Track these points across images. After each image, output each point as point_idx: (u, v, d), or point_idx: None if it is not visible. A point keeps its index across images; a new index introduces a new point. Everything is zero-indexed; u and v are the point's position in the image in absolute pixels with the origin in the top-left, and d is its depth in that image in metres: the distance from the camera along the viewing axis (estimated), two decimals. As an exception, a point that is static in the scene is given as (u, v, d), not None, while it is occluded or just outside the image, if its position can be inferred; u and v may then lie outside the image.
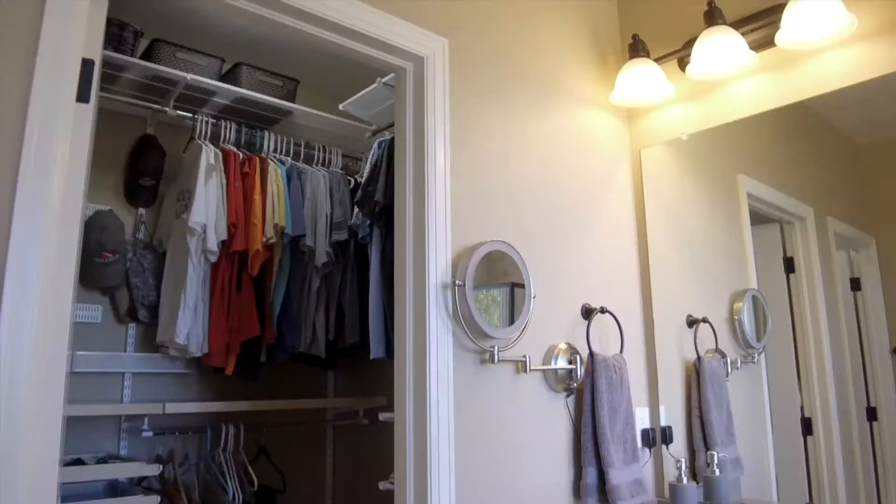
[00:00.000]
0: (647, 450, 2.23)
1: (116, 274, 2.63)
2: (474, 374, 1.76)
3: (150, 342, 2.75)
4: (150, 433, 2.61)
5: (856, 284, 1.92)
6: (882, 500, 1.82)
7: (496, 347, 1.76)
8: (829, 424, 1.92)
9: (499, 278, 1.80)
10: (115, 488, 2.50)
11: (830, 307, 1.95)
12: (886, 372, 1.84)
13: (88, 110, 1.40)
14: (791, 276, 2.06)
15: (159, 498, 2.36)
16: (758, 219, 2.14)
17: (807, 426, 1.98)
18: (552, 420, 1.94)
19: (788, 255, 2.08)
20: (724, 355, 2.19)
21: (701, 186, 2.29)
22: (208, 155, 2.56)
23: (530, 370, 1.87)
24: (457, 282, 1.69)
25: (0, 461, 1.21)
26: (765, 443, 2.06)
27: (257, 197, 2.60)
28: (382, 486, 2.19)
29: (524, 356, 1.85)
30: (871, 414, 1.86)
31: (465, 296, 1.69)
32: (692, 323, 2.27)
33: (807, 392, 1.98)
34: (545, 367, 1.92)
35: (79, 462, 2.43)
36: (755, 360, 2.12)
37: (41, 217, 1.28)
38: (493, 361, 1.76)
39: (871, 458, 1.84)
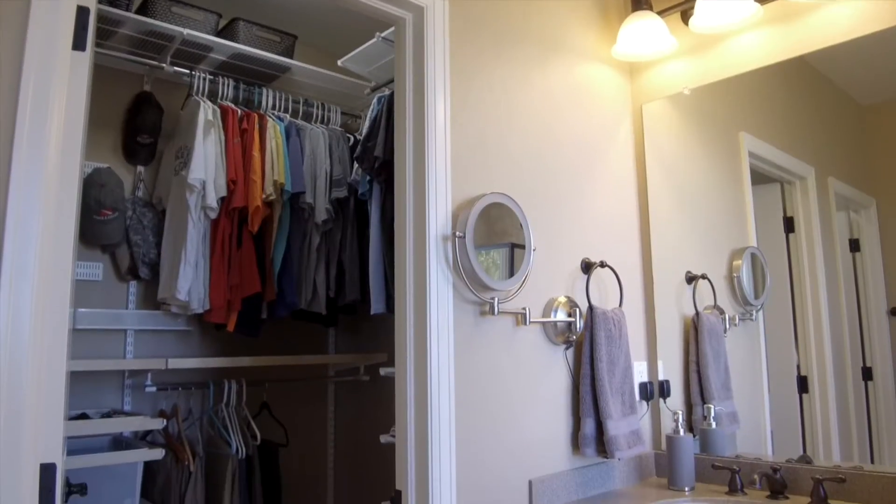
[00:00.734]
0: (644, 403, 2.26)
1: (116, 231, 2.62)
2: (474, 326, 1.77)
3: (151, 300, 2.76)
4: (154, 389, 2.64)
5: (855, 245, 1.92)
6: (875, 458, 1.85)
7: (496, 299, 1.76)
8: (825, 383, 1.94)
9: (499, 238, 1.80)
10: (119, 443, 2.53)
11: (829, 268, 1.95)
12: (883, 333, 1.85)
13: (85, 59, 1.39)
14: (791, 235, 2.06)
15: (164, 451, 2.40)
16: (758, 178, 2.13)
17: (803, 384, 2.00)
18: (551, 372, 1.96)
19: (788, 214, 2.07)
20: (722, 312, 2.20)
21: (702, 143, 2.28)
22: (206, 111, 2.54)
23: (530, 322, 1.88)
24: (457, 233, 1.69)
25: (5, 415, 1.23)
26: (761, 399, 2.08)
27: (256, 153, 2.59)
28: (383, 439, 2.22)
29: (524, 308, 1.86)
30: (867, 374, 1.88)
31: (466, 247, 1.69)
32: (691, 279, 2.28)
33: (803, 351, 2.00)
34: (545, 320, 1.93)
35: (83, 417, 2.46)
36: (753, 317, 2.13)
37: (40, 167, 1.28)
38: (492, 313, 1.77)
39: (866, 418, 1.86)
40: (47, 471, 1.28)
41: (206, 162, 2.48)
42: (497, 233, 1.80)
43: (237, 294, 2.59)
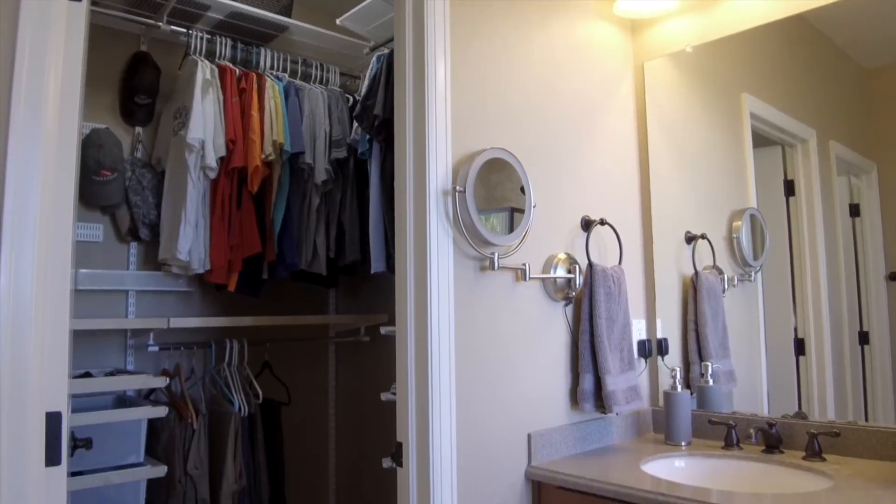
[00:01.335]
0: (643, 360, 2.28)
1: (116, 192, 2.62)
2: (474, 281, 1.78)
3: (152, 261, 2.77)
4: (156, 348, 2.66)
5: (855, 210, 1.92)
6: (870, 418, 1.87)
7: (496, 255, 1.77)
8: (822, 346, 1.96)
9: (498, 202, 1.80)
10: (123, 401, 2.56)
11: (829, 232, 1.96)
12: (881, 297, 1.86)
13: (81, 9, 1.37)
14: (791, 199, 2.06)
15: (167, 409, 2.43)
16: (760, 141, 2.13)
17: (800, 347, 2.01)
18: (551, 328, 1.97)
19: (789, 177, 2.07)
20: (721, 272, 2.21)
21: (704, 104, 2.27)
22: (204, 70, 2.52)
23: (530, 278, 1.89)
24: (457, 188, 1.69)
25: (11, 373, 1.24)
26: (758, 359, 2.10)
27: (255, 113, 2.57)
28: (384, 396, 2.24)
29: (524, 264, 1.87)
30: (864, 338, 1.89)
31: (466, 202, 1.69)
32: (690, 239, 2.28)
33: (801, 314, 2.01)
34: (544, 276, 1.94)
35: (87, 376, 2.48)
36: (752, 278, 2.14)
37: (38, 121, 1.28)
38: (493, 268, 1.78)
39: (861, 381, 1.88)
40: (53, 419, 1.30)
41: (204, 121, 2.46)
42: (497, 197, 1.80)
43: (238, 254, 2.60)
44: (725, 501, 1.48)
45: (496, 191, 1.80)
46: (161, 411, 2.37)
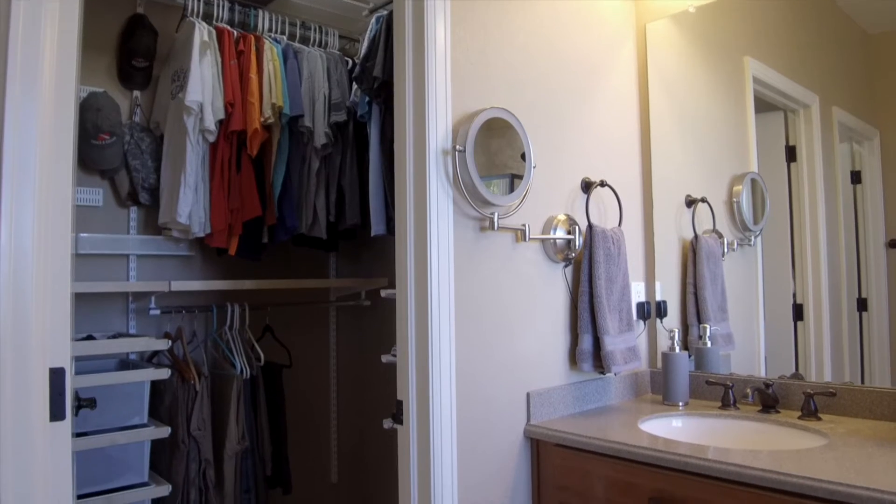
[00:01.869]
0: (641, 322, 2.29)
1: (115, 156, 2.61)
2: (474, 242, 1.78)
3: (152, 225, 2.77)
4: (158, 312, 2.68)
5: (856, 177, 1.91)
6: (866, 382, 1.88)
7: (496, 215, 1.77)
8: (820, 312, 1.96)
9: (498, 169, 1.79)
10: (126, 365, 2.58)
11: (829, 198, 1.95)
12: (880, 265, 1.86)
13: (76, -32, 1.36)
14: (792, 164, 2.05)
15: (170, 371, 2.45)
16: (762, 106, 2.11)
17: (798, 312, 2.02)
18: (550, 289, 1.98)
19: (791, 143, 2.06)
20: (721, 236, 2.21)
21: (706, 67, 2.25)
22: (202, 32, 2.50)
23: (529, 239, 1.90)
24: (457, 147, 1.69)
25: (12, 330, 1.26)
26: (756, 324, 2.11)
27: (253, 76, 2.55)
28: (385, 358, 2.26)
29: (524, 225, 1.87)
30: (862, 305, 1.90)
31: (466, 161, 1.69)
32: (691, 203, 2.28)
33: (800, 279, 2.01)
34: (544, 237, 1.94)
35: (90, 338, 2.50)
36: (751, 243, 2.14)
37: (35, 84, 1.27)
38: (492, 228, 1.78)
39: (859, 347, 1.89)
40: (56, 375, 1.31)
41: (202, 84, 2.45)
42: (497, 164, 1.79)
43: (238, 218, 2.60)
44: (722, 457, 1.50)
45: (497, 158, 1.79)
46: (164, 373, 2.39)
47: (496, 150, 1.79)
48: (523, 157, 1.84)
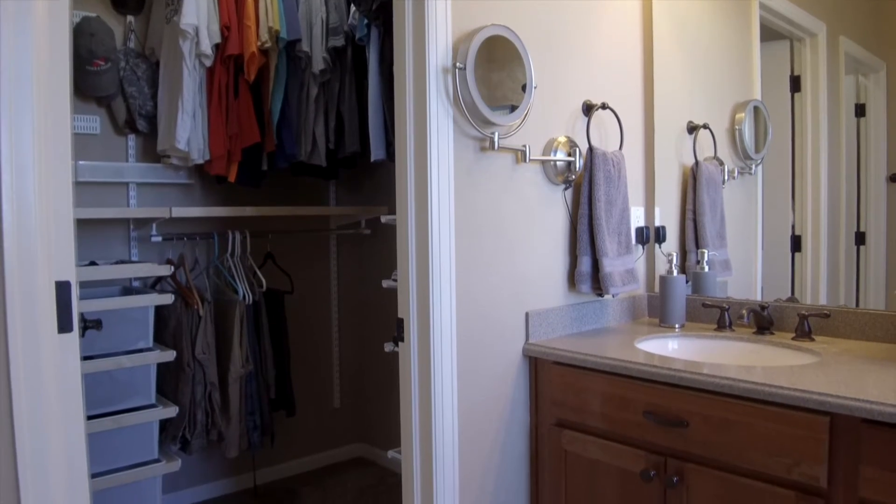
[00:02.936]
0: (640, 247, 2.31)
1: (111, 82, 2.58)
2: (474, 162, 1.78)
3: (151, 154, 2.76)
4: (159, 239, 2.70)
5: (860, 111, 1.89)
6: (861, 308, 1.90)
7: (496, 135, 1.76)
8: (818, 244, 1.97)
9: (499, 101, 1.77)
10: (129, 291, 2.61)
11: (832, 131, 1.93)
12: (880, 199, 1.86)
13: None
14: (796, 95, 2.02)
15: (173, 296, 2.48)
16: (768, 34, 2.07)
17: (796, 244, 2.03)
18: (550, 211, 1.99)
19: (796, 73, 2.03)
20: (721, 163, 2.20)
21: (712, -11, 2.20)
22: (195, -48, 2.43)
23: (529, 160, 1.89)
24: (458, 65, 1.67)
25: (17, 244, 1.27)
26: (754, 253, 2.13)
27: (249, -2, 2.50)
28: (385, 283, 2.29)
29: (524, 146, 1.86)
30: (860, 238, 1.90)
31: (466, 79, 1.67)
32: (692, 129, 2.26)
33: (799, 211, 2.01)
34: (544, 158, 1.94)
35: (93, 265, 2.52)
36: (752, 171, 2.14)
37: (28, 7, 1.25)
38: (493, 148, 1.78)
39: (855, 281, 1.90)
40: (62, 287, 1.33)
41: (197, 7, 2.40)
42: (498, 97, 1.76)
43: (237, 144, 2.59)
44: (717, 372, 1.54)
45: (497, 90, 1.77)
46: (167, 298, 2.43)
47: (497, 83, 1.77)
48: (524, 88, 1.82)
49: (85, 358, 2.27)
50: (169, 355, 2.43)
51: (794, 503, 1.41)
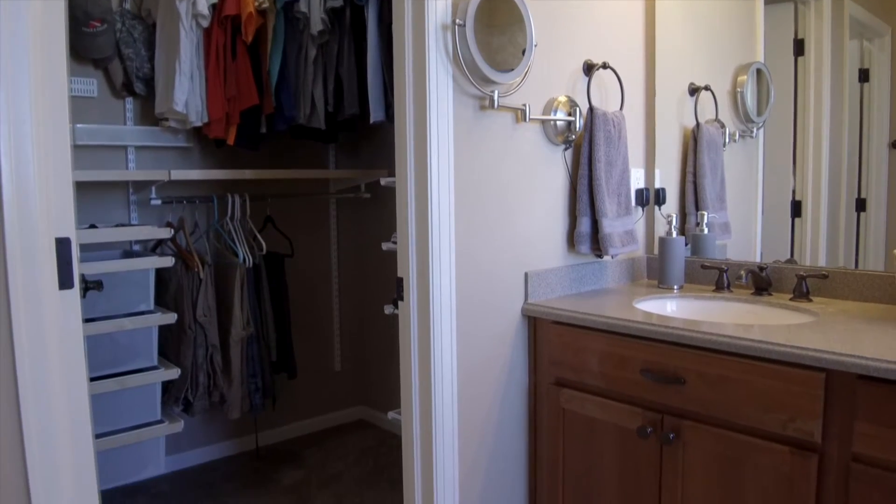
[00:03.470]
0: (640, 208, 2.31)
1: (107, 44, 2.56)
2: (474, 121, 1.77)
3: (149, 117, 2.75)
4: (159, 202, 2.69)
5: (864, 76, 1.87)
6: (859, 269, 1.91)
7: (496, 93, 1.75)
8: (818, 210, 1.97)
9: (499, 66, 1.75)
10: (129, 255, 2.62)
11: (835, 95, 1.92)
12: (882, 165, 1.85)
13: None
14: (800, 59, 2.00)
15: (174, 259, 2.49)
16: (772, -5, 2.04)
17: (796, 209, 2.02)
18: (550, 171, 1.98)
19: (799, 37, 2.00)
20: (723, 125, 2.19)
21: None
22: None
23: (529, 119, 1.88)
24: (457, 21, 1.65)
25: (17, 202, 1.27)
26: (754, 217, 2.12)
27: (246, -43, 2.46)
28: (385, 246, 2.29)
29: (524, 105, 1.85)
30: (861, 205, 1.89)
31: (466, 36, 1.65)
32: (694, 91, 2.25)
33: (800, 176, 2.01)
34: (544, 118, 1.93)
35: (93, 227, 2.52)
36: (753, 135, 2.12)
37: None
38: (492, 107, 1.77)
39: (854, 247, 1.90)
40: (62, 244, 1.34)
41: (194, -35, 2.37)
42: (499, 62, 1.74)
43: (235, 107, 2.57)
44: (714, 330, 1.55)
45: (498, 55, 1.75)
46: (167, 261, 2.43)
47: (498, 48, 1.75)
48: (524, 53, 1.80)
49: (87, 321, 2.28)
50: (170, 318, 2.44)
51: (788, 458, 1.43)
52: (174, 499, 2.68)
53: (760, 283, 1.98)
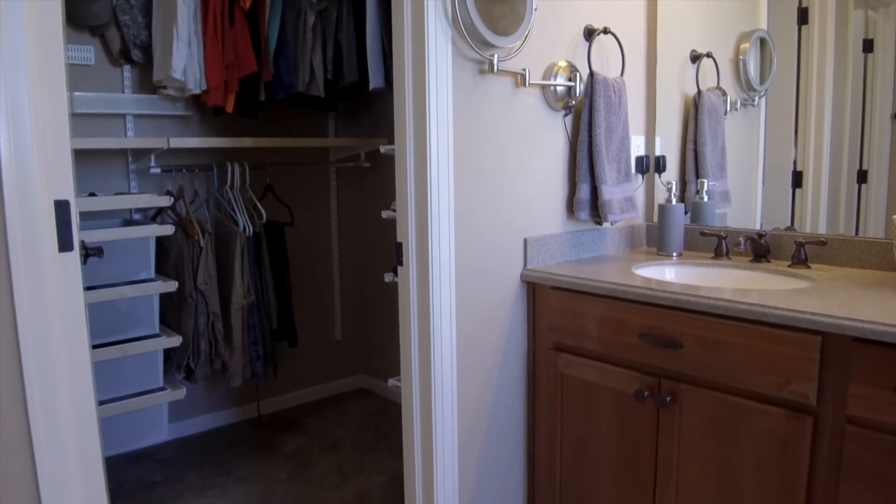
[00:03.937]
0: (640, 176, 2.30)
1: (104, 11, 2.54)
2: (473, 86, 1.76)
3: (147, 85, 2.73)
4: (158, 171, 2.69)
5: (868, 46, 1.85)
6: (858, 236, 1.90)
7: (496, 57, 1.74)
8: (819, 181, 1.96)
9: (500, 23, 1.73)
10: (130, 223, 2.62)
11: (839, 65, 1.90)
12: (884, 136, 1.83)
13: None
14: (803, 27, 1.98)
15: (174, 227, 2.49)
16: (776, -38, 2.02)
17: (797, 179, 2.02)
18: (549, 137, 1.97)
19: (804, 5, 1.98)
20: (724, 93, 2.18)
21: None
22: None
23: (529, 84, 1.87)
24: (456, -17, 1.63)
25: (15, 165, 1.26)
26: (754, 186, 2.12)
27: (243, -80, 2.43)
28: (385, 214, 2.29)
29: (524, 69, 1.84)
30: (862, 177, 1.89)
31: (465, -1, 1.64)
32: (695, 58, 2.23)
33: (801, 146, 2.00)
34: (544, 83, 1.91)
35: (93, 196, 2.52)
36: (755, 103, 2.11)
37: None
38: (492, 71, 1.75)
39: (855, 218, 1.90)
40: (61, 206, 1.34)
41: (190, -71, 2.34)
42: (500, 31, 1.72)
43: (233, 74, 2.55)
44: (713, 294, 1.55)
45: (499, 24, 1.73)
46: (168, 229, 2.44)
47: (498, 17, 1.73)
48: (524, 19, 1.79)
49: (88, 288, 2.29)
50: (171, 286, 2.45)
51: (783, 420, 1.44)
52: (177, 465, 2.71)
53: (759, 249, 1.98)
